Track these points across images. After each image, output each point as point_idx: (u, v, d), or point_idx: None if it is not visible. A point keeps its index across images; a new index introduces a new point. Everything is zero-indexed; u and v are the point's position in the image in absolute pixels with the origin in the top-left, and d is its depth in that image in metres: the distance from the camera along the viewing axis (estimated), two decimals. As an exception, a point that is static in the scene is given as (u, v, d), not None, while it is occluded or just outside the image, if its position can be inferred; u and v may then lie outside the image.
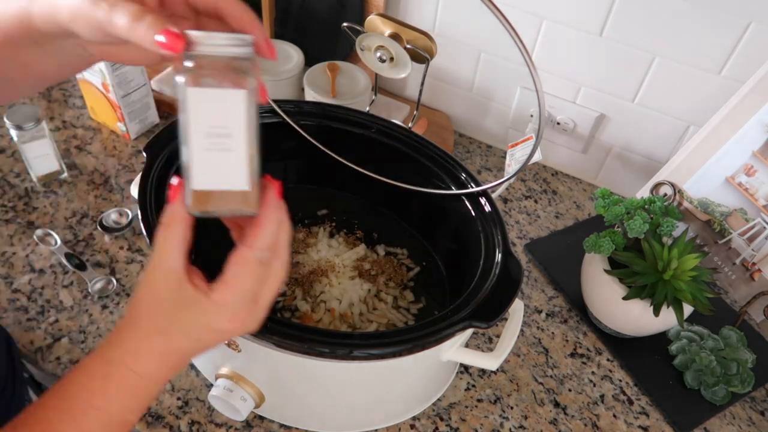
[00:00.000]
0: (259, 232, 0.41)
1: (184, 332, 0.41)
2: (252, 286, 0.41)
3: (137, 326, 0.42)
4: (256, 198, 0.40)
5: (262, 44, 0.39)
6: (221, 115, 0.37)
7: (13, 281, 0.80)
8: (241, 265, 0.41)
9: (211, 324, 0.41)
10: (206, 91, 0.36)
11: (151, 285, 0.42)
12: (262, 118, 0.77)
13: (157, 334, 0.41)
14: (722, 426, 0.78)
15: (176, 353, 0.42)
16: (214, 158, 0.37)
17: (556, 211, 1.03)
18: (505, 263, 0.66)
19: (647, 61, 0.90)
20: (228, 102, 0.36)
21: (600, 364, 0.82)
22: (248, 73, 0.37)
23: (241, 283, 0.41)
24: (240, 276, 0.41)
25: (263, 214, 0.41)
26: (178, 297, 0.41)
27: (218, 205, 0.39)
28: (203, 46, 0.37)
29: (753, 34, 0.81)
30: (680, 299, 0.74)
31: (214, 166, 0.38)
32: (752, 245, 0.86)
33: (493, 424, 0.75)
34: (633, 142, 1.00)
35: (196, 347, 0.43)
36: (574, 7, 0.89)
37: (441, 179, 0.77)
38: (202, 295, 0.41)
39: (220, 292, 0.41)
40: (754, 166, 0.84)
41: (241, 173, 0.38)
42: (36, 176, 0.92)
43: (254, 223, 0.41)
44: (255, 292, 0.42)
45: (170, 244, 0.41)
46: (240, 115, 0.37)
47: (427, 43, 0.82)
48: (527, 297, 0.89)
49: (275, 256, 0.42)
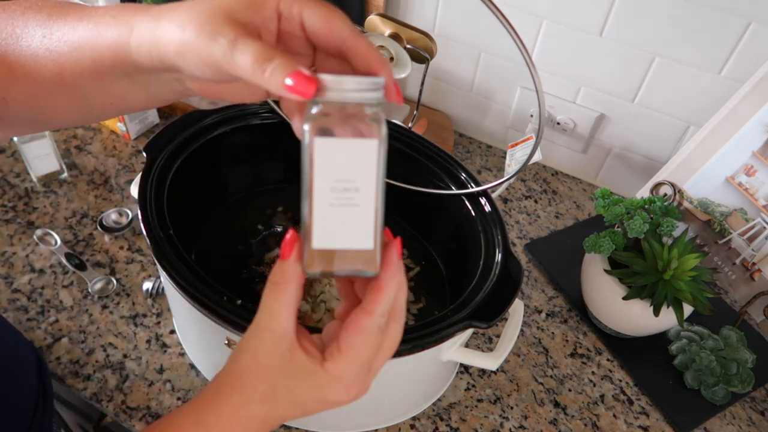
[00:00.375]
0: (381, 298, 0.36)
1: (291, 402, 0.38)
2: (369, 356, 0.37)
3: (238, 391, 0.37)
4: (378, 258, 0.36)
5: (390, 87, 0.35)
6: (350, 168, 0.33)
7: (13, 281, 0.80)
8: (359, 333, 0.37)
9: (322, 396, 0.38)
10: (335, 142, 0.32)
11: (257, 348, 0.37)
12: (262, 118, 0.77)
13: (261, 402, 0.37)
14: (722, 426, 0.78)
15: (278, 420, 0.39)
16: (338, 214, 0.34)
17: (556, 211, 1.03)
18: (505, 263, 0.66)
19: (647, 61, 0.90)
20: (358, 153, 0.33)
21: (600, 364, 0.82)
22: (379, 120, 0.33)
23: (358, 354, 0.37)
24: (358, 347, 0.37)
25: (384, 277, 0.36)
26: (289, 364, 0.37)
27: (338, 265, 0.35)
28: (333, 91, 0.33)
29: (753, 34, 0.81)
30: (680, 299, 0.74)
31: (338, 224, 0.34)
32: (752, 245, 0.86)
33: (493, 424, 0.75)
34: (633, 142, 1.00)
35: (300, 414, 0.39)
36: (574, 7, 0.89)
37: (441, 179, 0.77)
38: (317, 365, 0.37)
39: (336, 362, 0.37)
40: (754, 166, 0.84)
41: (366, 231, 0.34)
42: (36, 176, 0.92)
43: (375, 288, 0.36)
44: (370, 360, 0.38)
45: (282, 305, 0.37)
46: (370, 167, 0.33)
47: (427, 43, 0.82)
48: (527, 297, 0.89)
49: (393, 319, 0.38)
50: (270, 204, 0.85)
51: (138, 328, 0.78)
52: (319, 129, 0.32)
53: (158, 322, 0.79)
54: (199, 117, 0.75)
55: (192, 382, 0.74)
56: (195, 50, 0.33)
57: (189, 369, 0.75)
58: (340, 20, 0.35)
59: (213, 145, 0.75)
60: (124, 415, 0.70)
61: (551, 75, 0.98)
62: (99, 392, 0.72)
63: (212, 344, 0.66)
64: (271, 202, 0.85)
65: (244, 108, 0.77)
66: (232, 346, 0.61)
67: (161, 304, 0.80)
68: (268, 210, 0.85)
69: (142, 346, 0.76)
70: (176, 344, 0.77)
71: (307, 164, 0.33)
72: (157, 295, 0.81)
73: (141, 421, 0.70)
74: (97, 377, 0.73)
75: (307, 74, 0.32)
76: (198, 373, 0.74)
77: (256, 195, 0.86)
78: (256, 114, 0.78)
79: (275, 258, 0.79)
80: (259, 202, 0.85)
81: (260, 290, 0.75)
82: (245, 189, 0.86)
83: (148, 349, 0.76)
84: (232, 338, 0.61)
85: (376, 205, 0.34)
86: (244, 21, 0.34)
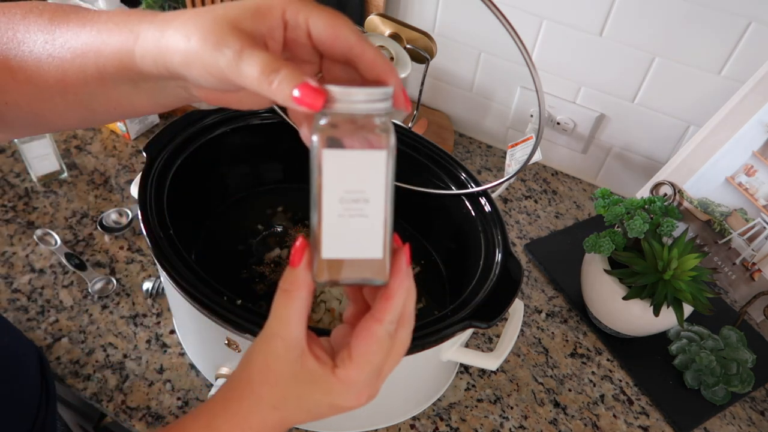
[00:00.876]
0: (390, 305, 0.37)
1: (303, 408, 0.38)
2: (379, 362, 0.38)
3: (249, 397, 0.38)
4: (387, 266, 0.36)
5: (399, 96, 0.35)
6: (359, 179, 0.33)
7: (13, 281, 0.80)
8: (369, 341, 0.37)
9: (334, 402, 0.38)
10: (345, 153, 0.32)
11: (268, 354, 0.37)
12: (262, 118, 0.78)
13: (272, 408, 0.38)
14: (722, 426, 0.78)
15: (288, 425, 0.40)
16: (347, 225, 0.34)
17: (556, 211, 1.03)
18: (505, 263, 0.66)
19: (647, 61, 0.90)
20: (367, 164, 0.33)
21: (600, 364, 0.82)
22: (388, 130, 0.33)
23: (369, 361, 0.37)
24: (368, 354, 0.37)
25: (393, 285, 0.37)
26: (300, 371, 0.37)
27: (347, 273, 0.36)
28: (342, 103, 0.33)
29: (753, 34, 0.81)
30: (680, 299, 0.74)
31: (348, 234, 0.34)
32: (752, 245, 0.86)
33: (493, 424, 0.75)
34: (633, 142, 1.00)
35: (311, 419, 0.40)
36: (574, 7, 0.89)
37: (441, 179, 0.77)
38: (328, 372, 0.37)
39: (346, 369, 0.37)
40: (754, 166, 0.84)
41: (375, 241, 0.35)
42: (36, 176, 0.92)
43: (384, 296, 0.37)
44: (380, 366, 0.38)
45: (292, 312, 0.37)
46: (379, 178, 0.33)
47: (427, 43, 0.82)
48: (527, 297, 0.89)
49: (402, 325, 0.39)
50: (270, 204, 0.85)
51: (138, 328, 0.78)
52: (328, 140, 0.32)
53: (158, 322, 0.79)
54: (199, 117, 0.75)
55: (192, 382, 0.74)
56: (200, 60, 0.33)
57: (189, 369, 0.75)
58: (347, 27, 0.35)
59: (213, 145, 0.75)
60: (124, 415, 0.70)
61: (551, 75, 0.98)
62: (99, 392, 0.72)
63: (212, 344, 0.66)
64: (271, 202, 0.85)
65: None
66: (231, 346, 0.61)
67: (161, 304, 0.80)
68: (268, 210, 0.85)
69: (142, 346, 0.76)
70: (176, 344, 0.77)
71: (316, 174, 0.33)
72: (157, 295, 0.81)
73: (141, 421, 0.70)
74: (97, 377, 0.73)
75: (314, 86, 0.32)
76: (198, 373, 0.74)
77: (256, 195, 0.86)
78: (256, 114, 0.78)
79: (275, 258, 0.79)
80: (259, 202, 0.85)
81: (260, 290, 0.75)
82: (245, 189, 0.86)
83: (148, 349, 0.76)
84: (232, 338, 0.61)
85: (386, 215, 0.34)
86: (249, 30, 0.33)
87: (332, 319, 0.73)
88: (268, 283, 0.76)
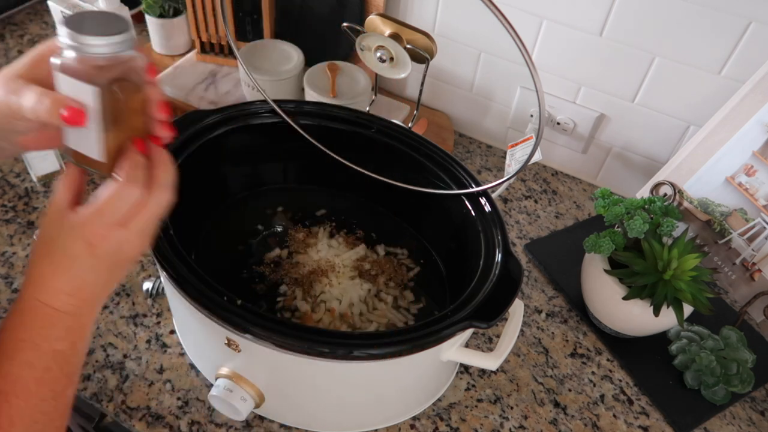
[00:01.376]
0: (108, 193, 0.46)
1: (63, 251, 0.46)
2: (113, 208, 0.46)
3: (33, 259, 0.47)
4: (111, 167, 0.47)
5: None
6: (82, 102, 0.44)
7: (13, 281, 0.80)
8: (106, 191, 0.46)
9: (82, 236, 0.46)
10: (67, 79, 0.43)
11: (42, 219, 0.46)
12: (262, 118, 0.78)
13: (44, 257, 0.46)
14: (722, 426, 0.78)
15: (68, 274, 0.46)
16: (76, 132, 0.46)
17: (556, 211, 1.03)
18: (505, 263, 0.66)
19: (647, 61, 0.90)
20: (83, 94, 0.43)
21: (600, 364, 0.82)
22: (104, 69, 0.43)
23: (101, 202, 0.46)
24: (101, 197, 0.46)
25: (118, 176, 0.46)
26: (58, 221, 0.46)
27: (84, 161, 0.47)
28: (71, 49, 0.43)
29: (753, 34, 0.81)
30: (680, 299, 0.74)
31: (78, 135, 0.46)
32: (752, 245, 0.86)
33: (493, 424, 0.75)
34: (633, 142, 1.00)
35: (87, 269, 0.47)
36: (574, 7, 0.89)
37: (441, 179, 0.77)
38: (72, 214, 0.46)
39: (85, 208, 0.46)
40: (754, 166, 0.84)
41: (96, 148, 0.46)
42: (36, 176, 0.92)
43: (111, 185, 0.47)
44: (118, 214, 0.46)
45: (60, 183, 0.48)
46: (93, 106, 0.43)
47: (427, 43, 0.81)
48: (527, 297, 0.89)
49: (154, 187, 0.47)
50: (270, 204, 0.85)
51: (138, 328, 0.78)
52: (62, 67, 0.43)
53: (158, 322, 0.79)
54: (199, 117, 0.75)
55: (192, 382, 0.74)
56: (6, 106, 0.44)
57: (189, 369, 0.75)
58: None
59: (213, 145, 0.75)
60: (124, 415, 0.70)
61: (551, 75, 0.98)
62: (99, 392, 0.72)
63: (212, 344, 0.66)
64: (271, 202, 0.85)
65: (244, 108, 0.77)
66: (231, 345, 0.61)
67: (161, 304, 0.80)
68: (268, 210, 0.85)
69: (142, 346, 0.76)
70: (176, 344, 0.77)
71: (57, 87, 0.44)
72: (157, 295, 0.81)
73: (141, 421, 0.70)
74: (97, 377, 0.73)
75: (76, 107, 0.43)
76: (198, 373, 0.74)
77: (256, 195, 0.86)
78: (256, 114, 0.78)
79: (275, 258, 0.79)
80: (259, 202, 0.85)
81: (260, 290, 0.75)
82: (245, 189, 0.86)
83: (148, 349, 0.76)
84: (232, 338, 0.61)
85: (103, 134, 0.45)
86: (30, 77, 0.45)
87: (332, 319, 0.74)
88: (268, 283, 0.76)
